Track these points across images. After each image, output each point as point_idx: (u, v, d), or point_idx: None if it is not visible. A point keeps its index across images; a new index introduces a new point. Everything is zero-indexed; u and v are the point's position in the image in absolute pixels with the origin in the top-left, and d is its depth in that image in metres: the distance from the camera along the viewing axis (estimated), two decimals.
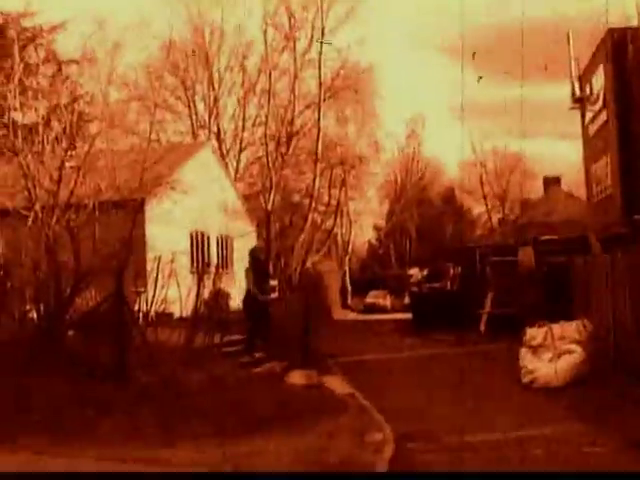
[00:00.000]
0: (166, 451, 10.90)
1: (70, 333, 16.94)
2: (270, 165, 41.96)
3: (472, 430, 13.16)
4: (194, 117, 53.64)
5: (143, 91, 45.91)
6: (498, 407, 15.40)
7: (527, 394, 17.18)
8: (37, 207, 18.37)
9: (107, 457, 10.43)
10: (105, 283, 17.12)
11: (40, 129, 19.82)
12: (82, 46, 23.30)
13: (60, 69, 33.92)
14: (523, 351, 18.63)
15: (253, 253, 22.38)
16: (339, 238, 67.36)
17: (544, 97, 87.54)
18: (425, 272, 51.01)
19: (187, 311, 19.39)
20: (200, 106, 53.77)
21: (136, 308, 18.50)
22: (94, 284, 17.87)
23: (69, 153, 19.77)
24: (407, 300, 53.34)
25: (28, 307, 17.10)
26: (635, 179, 33.00)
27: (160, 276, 18.49)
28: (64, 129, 20.00)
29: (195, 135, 52.58)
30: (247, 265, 22.10)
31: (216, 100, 52.91)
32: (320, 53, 44.44)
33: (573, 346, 17.92)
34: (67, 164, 19.44)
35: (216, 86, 52.75)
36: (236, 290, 28.15)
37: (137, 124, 38.52)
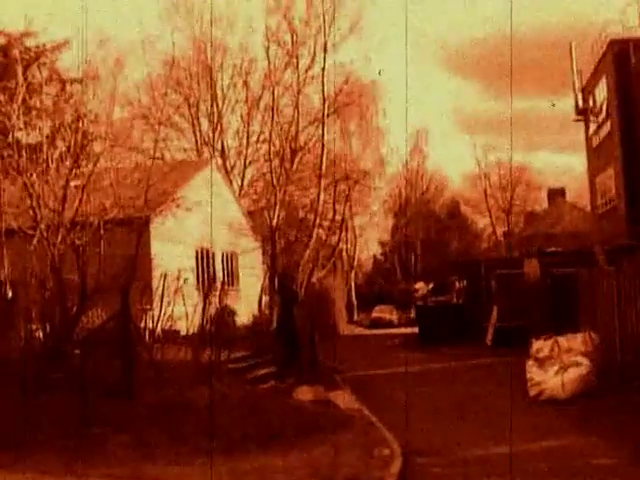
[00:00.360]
0: (175, 468, 10.89)
1: (76, 351, 16.93)
2: (274, 181, 41.90)
3: (480, 444, 13.15)
4: (198, 134, 53.68)
5: (147, 109, 45.99)
6: (505, 420, 15.33)
7: (534, 407, 17.13)
8: (42, 226, 18.40)
9: (115, 475, 10.42)
10: (111, 301, 17.13)
11: (44, 148, 19.85)
12: (85, 65, 23.36)
13: (64, 88, 34.00)
14: (529, 363, 18.60)
15: (280, 279, 22.44)
16: (344, 253, 67.25)
17: (548, 109, 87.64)
18: (431, 286, 50.97)
19: (194, 328, 19.38)
20: (204, 123, 53.85)
21: (142, 326, 18.50)
22: (100, 302, 17.90)
23: (73, 172, 19.78)
24: (413, 314, 53.30)
25: (34, 326, 17.09)
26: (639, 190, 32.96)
27: (166, 293, 18.51)
28: (68, 148, 20.04)
29: (199, 152, 52.58)
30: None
31: (220, 117, 52.98)
32: (323, 69, 44.44)
33: (580, 358, 17.88)
34: (72, 183, 19.46)
35: (220, 103, 52.84)
36: (242, 307, 28.17)
37: (141, 142, 38.50)
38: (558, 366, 17.84)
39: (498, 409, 16.66)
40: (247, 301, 33.97)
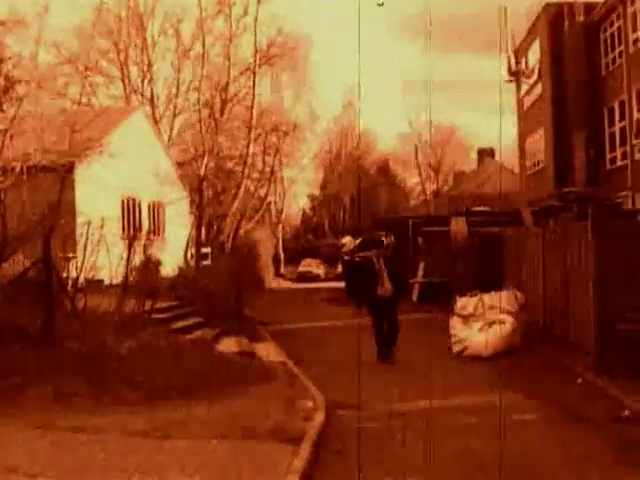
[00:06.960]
0: (96, 418, 10.73)
1: None
2: (203, 131, 41.44)
3: (402, 398, 13.22)
4: (127, 81, 52.75)
5: (74, 53, 44.95)
6: (428, 376, 15.47)
7: (458, 363, 17.30)
8: None
9: (35, 425, 10.23)
10: (33, 248, 16.75)
11: None
12: (9, 6, 22.64)
13: None
14: (454, 320, 18.76)
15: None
16: (273, 206, 67.11)
17: (482, 71, 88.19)
18: (358, 241, 51.12)
19: (117, 278, 19.10)
20: (133, 70, 52.91)
21: (65, 274, 18.14)
22: (22, 249, 17.49)
23: None
24: (340, 269, 53.47)
25: None
26: (567, 152, 33.44)
27: (90, 242, 18.14)
28: None
29: (128, 100, 51.70)
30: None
31: (149, 64, 52.11)
32: (256, 19, 43.88)
33: (504, 316, 18.08)
34: None
35: (150, 50, 51.94)
36: (167, 257, 27.85)
37: (67, 87, 37.63)
38: (482, 323, 18.02)
39: (421, 364, 16.80)
40: (173, 251, 33.63)
